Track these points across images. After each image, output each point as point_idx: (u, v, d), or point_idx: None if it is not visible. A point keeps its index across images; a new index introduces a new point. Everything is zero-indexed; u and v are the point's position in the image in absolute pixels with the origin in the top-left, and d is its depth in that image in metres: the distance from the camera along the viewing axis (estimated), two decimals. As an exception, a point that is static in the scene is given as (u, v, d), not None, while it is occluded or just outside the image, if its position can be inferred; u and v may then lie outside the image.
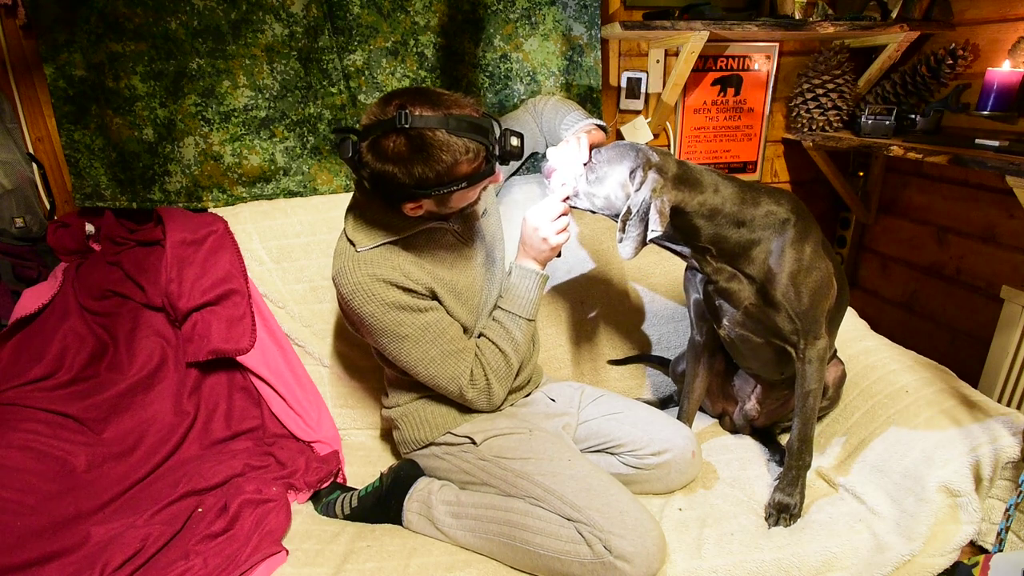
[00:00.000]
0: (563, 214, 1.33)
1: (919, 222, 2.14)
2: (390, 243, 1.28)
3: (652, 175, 1.23)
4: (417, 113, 1.11)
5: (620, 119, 2.09)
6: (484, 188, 1.31)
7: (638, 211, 1.22)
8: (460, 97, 1.17)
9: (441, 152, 1.12)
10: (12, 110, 1.73)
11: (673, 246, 1.36)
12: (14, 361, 1.54)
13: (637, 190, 1.24)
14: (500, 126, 1.20)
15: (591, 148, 1.34)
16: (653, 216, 1.21)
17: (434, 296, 1.31)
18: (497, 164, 1.22)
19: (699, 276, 1.41)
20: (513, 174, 1.81)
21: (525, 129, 1.63)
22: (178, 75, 1.69)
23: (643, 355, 1.83)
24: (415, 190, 1.16)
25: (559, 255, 1.40)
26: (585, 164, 1.33)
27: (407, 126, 1.10)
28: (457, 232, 1.36)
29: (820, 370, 1.34)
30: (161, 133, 1.74)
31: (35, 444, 1.41)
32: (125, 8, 1.62)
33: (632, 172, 1.26)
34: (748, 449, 1.56)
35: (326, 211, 1.77)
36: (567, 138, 1.41)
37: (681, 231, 1.30)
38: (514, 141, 1.19)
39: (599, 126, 1.51)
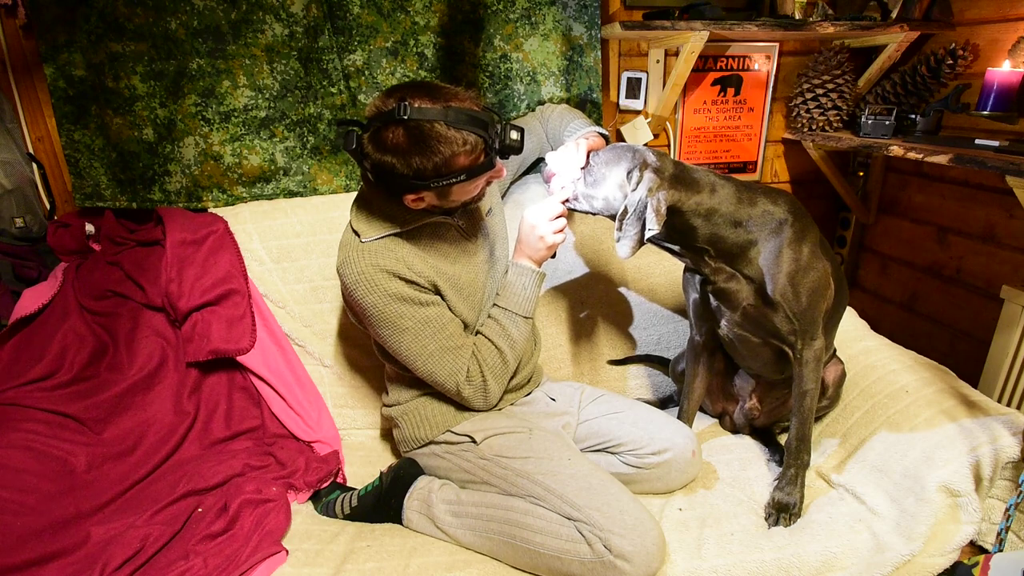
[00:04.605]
0: (561, 215, 1.34)
1: (919, 222, 2.14)
2: (394, 235, 1.28)
3: (648, 175, 1.24)
4: (416, 105, 1.12)
5: (620, 119, 2.09)
6: (487, 183, 1.31)
7: (635, 210, 1.24)
8: (461, 91, 1.18)
9: (439, 144, 1.13)
10: (12, 110, 1.73)
11: (671, 247, 1.37)
12: (14, 361, 1.54)
13: (634, 190, 1.25)
14: (500, 120, 1.21)
15: (590, 153, 1.36)
16: (650, 215, 1.22)
17: (436, 290, 1.31)
18: (498, 159, 1.23)
19: (698, 277, 1.41)
20: (520, 176, 1.81)
21: (533, 134, 1.65)
22: (178, 75, 1.70)
23: (643, 355, 1.83)
24: (414, 181, 1.17)
25: (554, 256, 1.41)
26: (583, 168, 1.34)
27: (406, 118, 1.11)
28: (461, 227, 1.37)
29: (816, 370, 1.34)
30: (161, 133, 1.74)
31: (35, 444, 1.41)
32: (125, 8, 1.62)
33: (629, 172, 1.27)
34: (748, 449, 1.56)
35: (326, 211, 1.77)
36: (567, 143, 1.42)
37: (679, 231, 1.31)
38: (513, 135, 1.20)
39: (601, 134, 1.52)
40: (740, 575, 1.19)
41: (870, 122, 1.88)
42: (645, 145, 2.04)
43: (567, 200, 1.35)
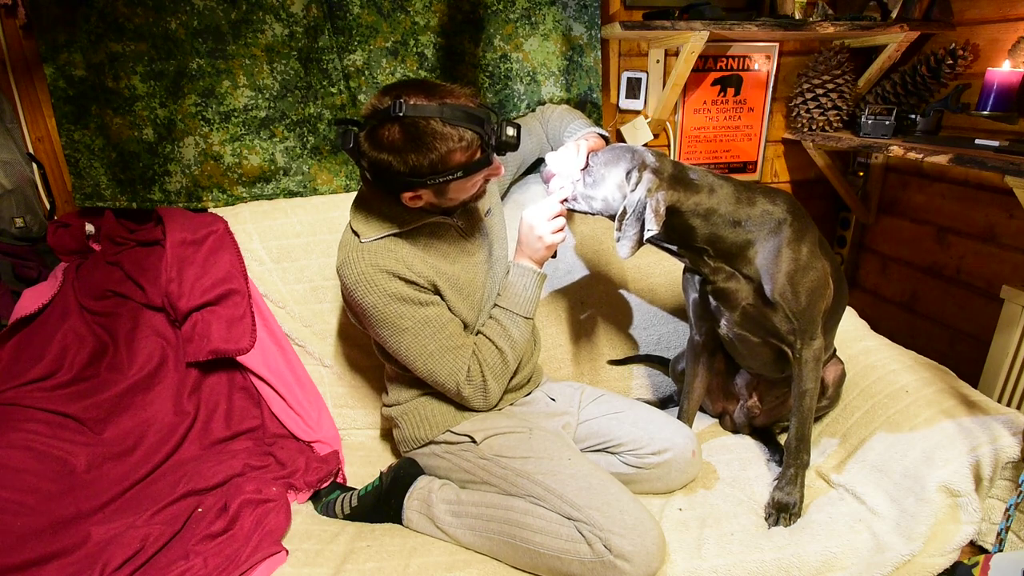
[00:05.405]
0: (560, 215, 1.35)
1: (919, 222, 2.14)
2: (394, 235, 1.29)
3: (647, 175, 1.25)
4: (412, 102, 1.12)
5: (620, 119, 2.09)
6: (485, 181, 1.31)
7: (634, 211, 1.24)
8: (457, 88, 1.18)
9: (435, 141, 1.13)
10: (12, 110, 1.73)
11: (670, 247, 1.37)
12: (14, 361, 1.54)
13: (633, 190, 1.25)
14: (497, 116, 1.21)
15: (589, 153, 1.36)
16: (649, 215, 1.23)
17: (436, 290, 1.31)
18: (495, 156, 1.23)
19: (697, 277, 1.42)
20: (520, 177, 1.81)
21: (532, 134, 1.65)
22: (178, 75, 1.70)
23: (643, 355, 1.83)
24: (411, 179, 1.17)
25: (554, 256, 1.41)
26: (583, 169, 1.34)
27: (402, 115, 1.12)
28: (460, 227, 1.37)
29: (816, 370, 1.34)
30: (161, 133, 1.74)
31: (35, 444, 1.41)
32: (125, 8, 1.62)
33: (628, 173, 1.27)
34: (748, 449, 1.56)
35: (326, 211, 1.77)
36: (567, 144, 1.42)
37: (678, 231, 1.31)
38: (509, 131, 1.20)
39: (601, 135, 1.52)
40: (740, 575, 1.19)
41: (870, 122, 1.88)
42: (645, 145, 2.04)
43: (566, 200, 1.35)
